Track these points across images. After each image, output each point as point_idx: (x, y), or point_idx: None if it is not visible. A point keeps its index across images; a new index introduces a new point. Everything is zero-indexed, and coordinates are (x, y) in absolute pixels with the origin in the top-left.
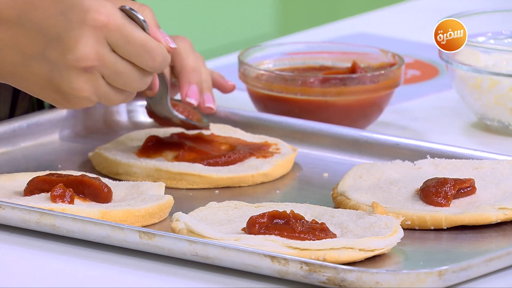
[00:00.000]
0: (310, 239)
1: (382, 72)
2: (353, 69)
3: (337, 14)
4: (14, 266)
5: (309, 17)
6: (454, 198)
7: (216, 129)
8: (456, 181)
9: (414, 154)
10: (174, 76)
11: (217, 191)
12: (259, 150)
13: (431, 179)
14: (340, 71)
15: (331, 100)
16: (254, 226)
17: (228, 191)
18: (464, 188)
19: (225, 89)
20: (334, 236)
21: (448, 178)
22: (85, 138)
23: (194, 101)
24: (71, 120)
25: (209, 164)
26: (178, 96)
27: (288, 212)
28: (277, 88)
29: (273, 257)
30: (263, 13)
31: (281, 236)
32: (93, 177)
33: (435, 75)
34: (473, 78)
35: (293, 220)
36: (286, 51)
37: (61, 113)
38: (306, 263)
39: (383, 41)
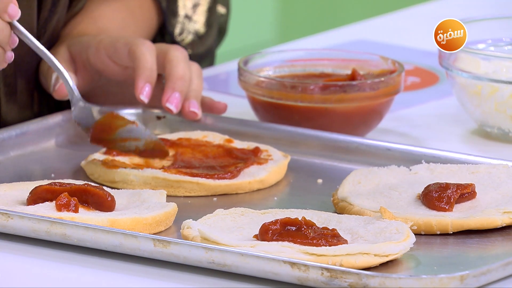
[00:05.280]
0: (323, 245)
1: (382, 79)
2: (353, 76)
3: (337, 21)
4: (24, 276)
5: (309, 24)
6: (455, 203)
7: (202, 136)
8: (458, 186)
9: (407, 159)
10: None
11: (215, 199)
12: (252, 157)
13: (433, 184)
14: (340, 78)
15: (331, 107)
16: (267, 233)
17: (225, 198)
18: (466, 192)
19: (218, 110)
20: (345, 242)
21: (450, 183)
22: (74, 147)
23: (173, 108)
24: (59, 129)
25: (205, 177)
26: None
27: (299, 218)
28: (277, 95)
29: (293, 264)
30: (264, 20)
31: (294, 243)
32: (96, 186)
33: (435, 82)
34: (473, 85)
35: (305, 227)
36: (286, 58)
37: (48, 122)
38: (327, 269)
39: (383, 48)
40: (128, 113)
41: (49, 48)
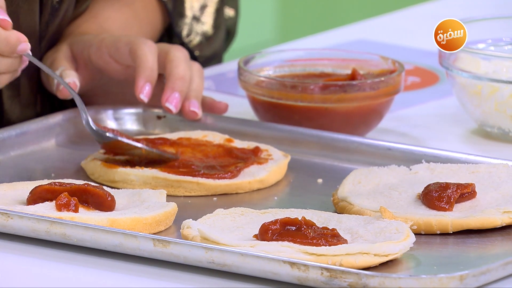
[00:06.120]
0: (323, 245)
1: (382, 79)
2: (353, 76)
3: (337, 21)
4: (24, 276)
5: (309, 24)
6: (455, 203)
7: (203, 135)
8: (459, 185)
9: (407, 159)
10: None
11: (215, 198)
12: (252, 157)
13: (433, 183)
14: (340, 78)
15: (331, 107)
16: (267, 233)
17: (225, 198)
18: (466, 192)
19: (219, 110)
20: (345, 241)
21: (450, 183)
22: (74, 146)
23: (173, 108)
24: (59, 128)
25: (206, 177)
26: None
27: (299, 218)
28: (277, 95)
29: (292, 264)
30: (264, 20)
31: (294, 243)
32: (96, 186)
33: (435, 82)
34: (473, 85)
35: (305, 227)
36: (286, 58)
37: (49, 121)
38: (327, 269)
39: (383, 48)
40: (129, 112)
41: (50, 49)
